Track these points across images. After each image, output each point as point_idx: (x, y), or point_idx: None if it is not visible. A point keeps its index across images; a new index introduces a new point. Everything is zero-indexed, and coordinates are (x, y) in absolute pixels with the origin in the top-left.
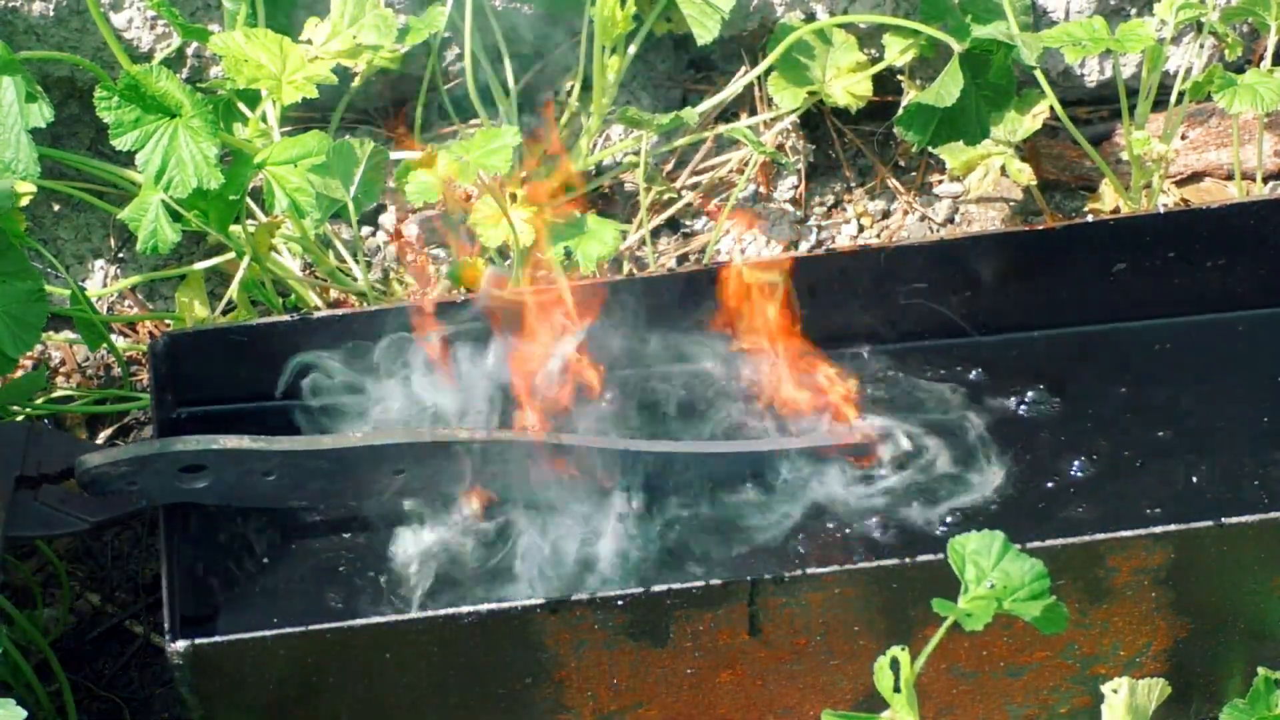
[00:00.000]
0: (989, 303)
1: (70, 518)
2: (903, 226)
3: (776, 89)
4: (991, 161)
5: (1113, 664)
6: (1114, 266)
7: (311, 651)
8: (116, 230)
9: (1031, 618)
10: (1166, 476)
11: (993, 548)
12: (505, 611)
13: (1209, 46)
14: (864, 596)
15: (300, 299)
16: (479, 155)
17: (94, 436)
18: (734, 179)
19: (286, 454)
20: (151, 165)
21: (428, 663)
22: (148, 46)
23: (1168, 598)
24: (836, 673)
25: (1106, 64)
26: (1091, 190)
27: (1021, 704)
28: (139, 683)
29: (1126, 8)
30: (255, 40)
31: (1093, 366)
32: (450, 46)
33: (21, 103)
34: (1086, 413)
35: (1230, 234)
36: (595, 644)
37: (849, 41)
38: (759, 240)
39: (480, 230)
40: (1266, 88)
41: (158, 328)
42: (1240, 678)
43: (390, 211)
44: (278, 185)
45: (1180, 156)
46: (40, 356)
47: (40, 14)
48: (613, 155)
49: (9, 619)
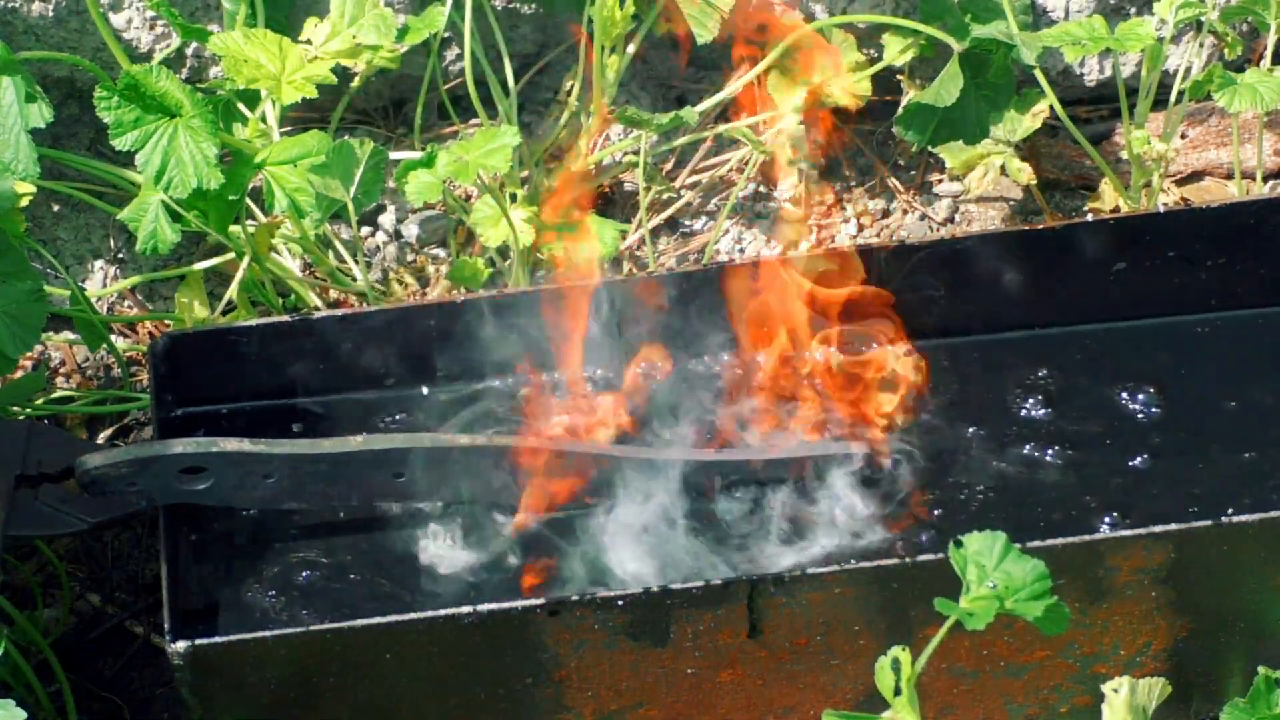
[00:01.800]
0: (988, 302)
1: (70, 518)
2: (902, 226)
3: (776, 89)
4: (991, 161)
5: (1113, 663)
6: (1114, 266)
7: (311, 652)
8: (116, 230)
9: (1034, 618)
10: (1165, 476)
11: (994, 548)
12: (505, 611)
13: (1209, 45)
14: (864, 596)
15: (300, 299)
16: (479, 155)
17: (94, 437)
18: (734, 178)
19: (287, 457)
20: (151, 165)
21: (428, 663)
22: (147, 47)
23: (1168, 597)
24: (836, 673)
25: (1106, 63)
26: (1091, 190)
27: (1022, 703)
28: (139, 683)
29: (1126, 7)
30: (255, 40)
31: (1092, 366)
32: (450, 46)
33: (21, 103)
34: (1086, 412)
35: (1230, 233)
36: (595, 644)
37: (848, 41)
38: (759, 240)
39: (480, 230)
40: (1266, 87)
41: (158, 328)
42: (1240, 677)
43: (390, 211)
44: (277, 185)
45: (1180, 155)
46: (40, 357)
47: (40, 14)
48: (612, 155)
49: (9, 619)
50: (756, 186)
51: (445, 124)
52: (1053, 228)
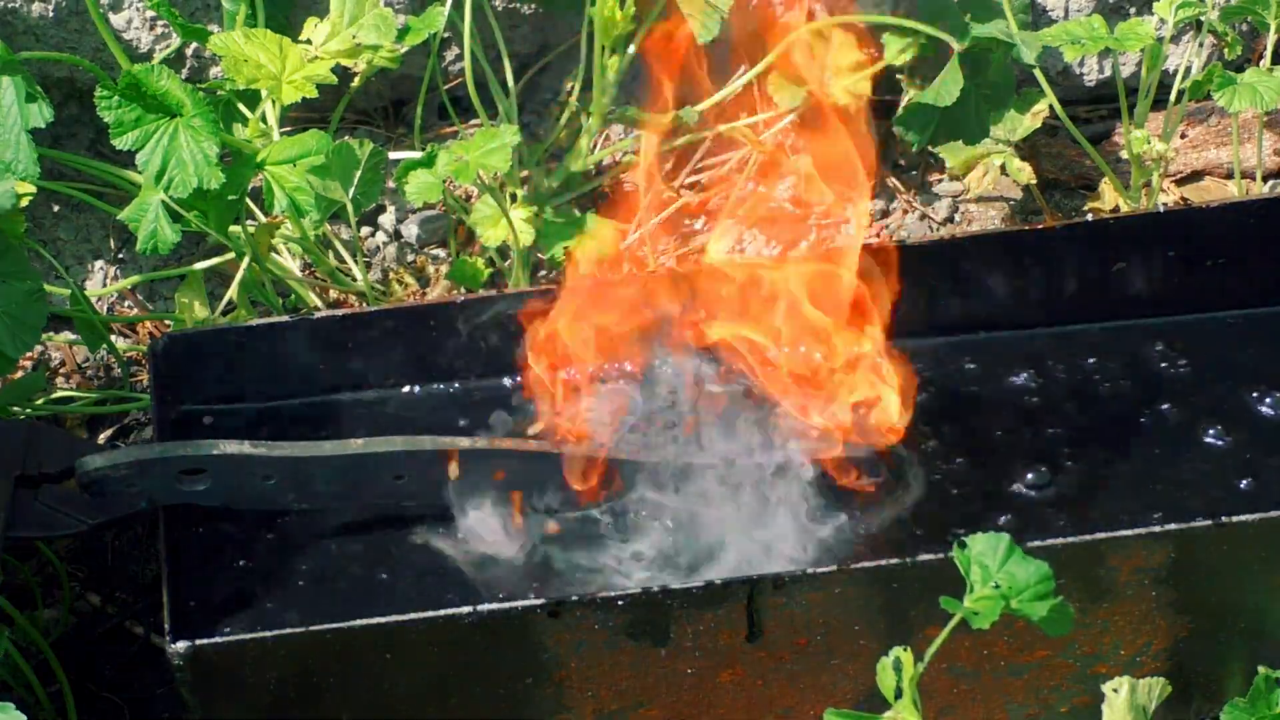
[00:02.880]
0: (988, 302)
1: (70, 518)
2: (902, 225)
3: (776, 88)
4: (991, 160)
5: (1113, 663)
6: (1114, 266)
7: (312, 652)
8: (116, 230)
9: (1038, 618)
10: (1164, 475)
11: (998, 549)
12: (505, 611)
13: (1208, 45)
14: (864, 596)
15: (300, 299)
16: (478, 155)
17: (94, 437)
18: (734, 178)
19: (287, 459)
20: (152, 165)
21: (428, 663)
22: (147, 47)
23: (1168, 597)
24: (837, 673)
25: (1106, 63)
26: (1091, 189)
27: (1022, 703)
28: (139, 683)
29: (1126, 6)
30: (255, 40)
31: (1092, 366)
32: (450, 46)
33: (21, 103)
34: (1086, 413)
35: (1230, 233)
36: (595, 644)
37: (848, 41)
38: (758, 239)
39: (480, 230)
40: (1266, 86)
41: (158, 328)
42: (1241, 676)
43: (390, 211)
44: (277, 185)
45: (1180, 155)
46: (40, 357)
47: (40, 15)
48: (612, 155)
49: (9, 619)
50: (756, 186)
51: (445, 124)
52: (1053, 228)
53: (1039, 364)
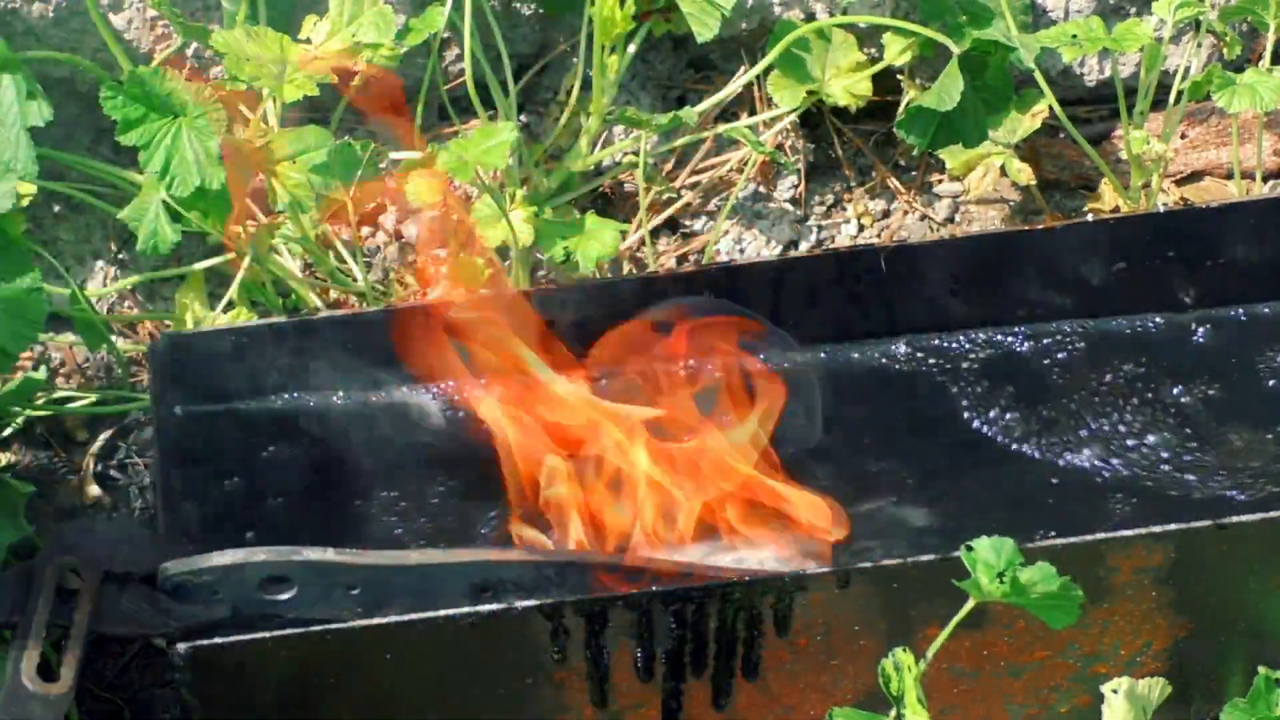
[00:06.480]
0: (988, 302)
1: (155, 620)
2: (903, 226)
3: (776, 88)
4: (991, 161)
5: (1113, 663)
6: (1114, 266)
7: (312, 653)
8: (116, 231)
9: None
10: (1164, 475)
11: (1003, 552)
12: (505, 612)
13: (1208, 45)
14: (864, 596)
15: (300, 299)
16: (477, 153)
17: (94, 436)
18: (734, 178)
19: (371, 568)
20: (155, 163)
21: (428, 663)
22: (147, 47)
23: (1168, 597)
24: (837, 672)
25: (1105, 63)
26: (1091, 190)
27: (1022, 703)
28: (140, 684)
29: (1125, 7)
30: (256, 39)
31: (1092, 366)
32: (450, 46)
33: (21, 102)
34: (1086, 412)
35: (1230, 233)
36: (595, 644)
37: (848, 41)
38: (759, 240)
39: (479, 230)
40: (1266, 87)
41: (158, 328)
42: (1241, 677)
43: (390, 211)
44: (279, 182)
45: (1179, 155)
46: (40, 357)
47: (40, 15)
48: (612, 155)
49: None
50: (756, 186)
51: (445, 124)
52: (1053, 228)
53: (1038, 364)
